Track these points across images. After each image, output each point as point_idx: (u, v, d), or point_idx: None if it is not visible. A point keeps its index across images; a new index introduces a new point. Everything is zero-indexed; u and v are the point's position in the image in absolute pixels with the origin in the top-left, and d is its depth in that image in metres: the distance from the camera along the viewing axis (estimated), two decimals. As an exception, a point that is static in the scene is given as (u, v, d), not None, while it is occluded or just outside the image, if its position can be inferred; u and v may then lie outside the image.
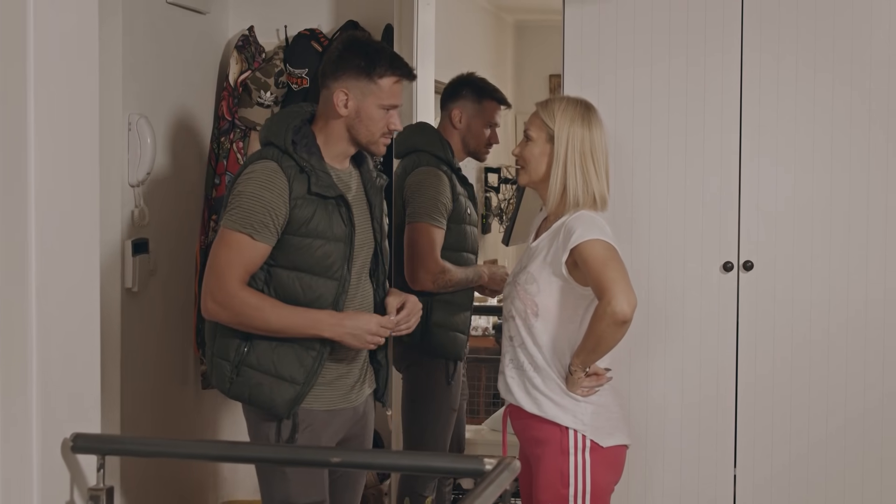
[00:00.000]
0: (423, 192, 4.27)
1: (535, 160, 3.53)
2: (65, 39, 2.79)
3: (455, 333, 4.41)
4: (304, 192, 3.33)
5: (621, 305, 3.26)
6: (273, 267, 3.37)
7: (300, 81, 5.02)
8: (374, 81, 3.39)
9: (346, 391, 3.50)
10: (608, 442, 3.44)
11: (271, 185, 3.32)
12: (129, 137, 4.35)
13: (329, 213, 3.37)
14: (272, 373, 3.37)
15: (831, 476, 4.13)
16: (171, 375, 4.82)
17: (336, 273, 3.38)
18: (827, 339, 4.12)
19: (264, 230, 3.30)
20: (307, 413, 3.41)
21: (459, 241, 4.41)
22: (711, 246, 4.15)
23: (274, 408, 3.37)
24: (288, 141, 3.37)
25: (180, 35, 4.78)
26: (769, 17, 4.10)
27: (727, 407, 4.16)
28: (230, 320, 3.36)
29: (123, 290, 4.36)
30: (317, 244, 3.35)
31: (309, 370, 3.37)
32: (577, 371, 3.38)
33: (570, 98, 3.59)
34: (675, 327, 4.17)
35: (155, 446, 3.11)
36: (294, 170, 3.34)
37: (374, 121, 3.41)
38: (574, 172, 3.46)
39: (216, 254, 3.37)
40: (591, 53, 4.18)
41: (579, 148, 3.47)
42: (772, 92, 4.11)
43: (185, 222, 4.88)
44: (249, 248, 3.31)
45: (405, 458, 2.96)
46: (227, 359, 3.41)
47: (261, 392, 3.37)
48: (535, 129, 3.53)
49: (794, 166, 4.12)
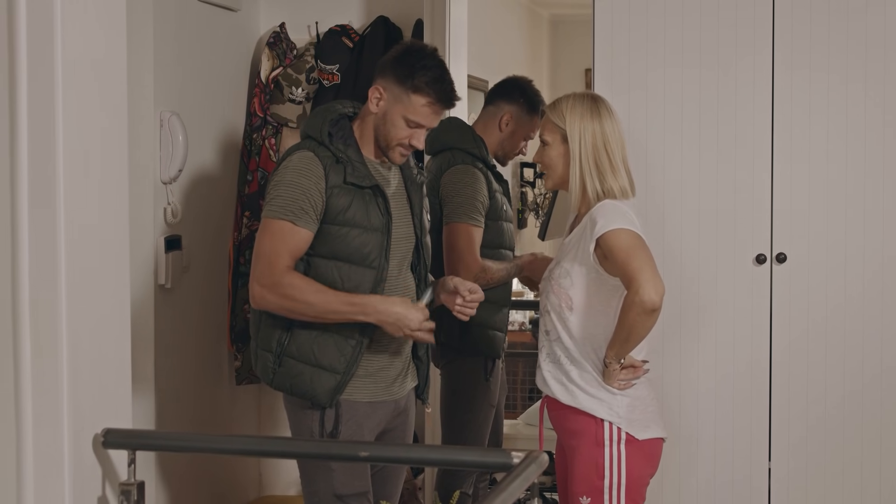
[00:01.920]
0: (460, 191, 4.26)
1: (554, 163, 3.52)
2: (93, 38, 2.81)
3: (493, 332, 4.41)
4: (341, 182, 3.35)
5: (649, 294, 3.24)
6: (312, 256, 3.38)
7: (331, 77, 5.03)
8: (408, 94, 3.37)
9: (389, 383, 3.50)
10: (644, 435, 3.42)
11: (308, 172, 3.34)
12: (161, 135, 4.38)
13: (366, 202, 3.38)
14: (312, 362, 3.37)
15: (866, 470, 4.10)
16: (205, 371, 4.84)
17: (374, 262, 3.39)
18: (861, 333, 4.08)
19: (304, 216, 3.32)
20: (350, 405, 3.41)
21: (496, 237, 4.41)
22: (744, 238, 4.13)
23: (315, 397, 3.37)
24: (324, 133, 3.39)
25: (212, 32, 4.80)
26: (800, 12, 4.07)
27: (761, 401, 4.14)
28: (277, 304, 3.34)
29: (157, 286, 4.39)
30: (354, 233, 3.36)
31: (349, 359, 3.37)
32: (613, 363, 3.38)
33: (577, 94, 3.56)
34: (708, 321, 4.15)
35: (185, 441, 3.12)
36: (330, 160, 3.36)
37: (397, 129, 3.40)
38: (589, 168, 3.45)
39: (260, 243, 3.37)
40: (621, 48, 4.16)
41: (591, 142, 3.46)
42: (804, 87, 4.08)
43: (217, 219, 4.90)
44: (292, 234, 3.32)
45: (434, 452, 2.96)
46: (269, 350, 3.41)
47: (301, 382, 3.38)
48: (548, 132, 3.52)
49: (826, 158, 4.08)
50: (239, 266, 4.97)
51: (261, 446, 3.19)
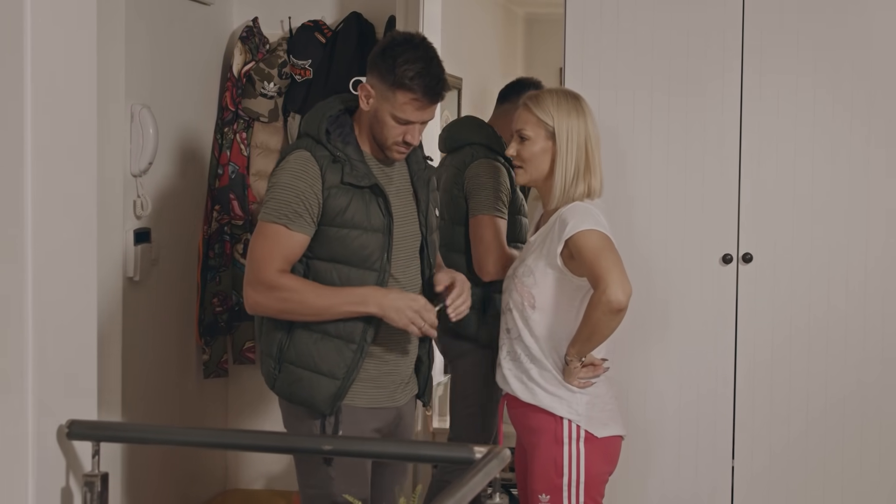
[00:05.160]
0: (485, 184, 4.28)
1: (536, 159, 3.49)
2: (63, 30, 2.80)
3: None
4: (338, 182, 3.25)
5: (616, 294, 3.26)
6: (311, 259, 3.29)
7: (303, 72, 5.04)
8: (392, 91, 3.24)
9: (392, 390, 3.41)
10: (603, 432, 3.45)
11: (303, 174, 3.24)
12: (132, 128, 4.37)
13: (366, 202, 3.28)
14: (312, 368, 3.28)
15: (828, 467, 4.14)
16: (174, 364, 4.84)
17: (375, 264, 3.29)
18: (825, 330, 4.13)
19: (299, 219, 3.23)
20: (351, 410, 3.32)
21: (514, 231, 4.44)
22: (711, 238, 4.16)
23: (315, 404, 3.29)
24: (322, 130, 3.29)
25: (184, 26, 4.80)
26: (770, 14, 4.10)
27: (725, 398, 4.17)
28: (274, 308, 3.27)
29: (125, 279, 4.39)
30: (353, 234, 3.26)
31: (349, 364, 3.28)
32: (573, 361, 3.39)
33: (559, 90, 3.57)
34: (674, 319, 4.18)
35: (149, 433, 3.12)
36: (327, 159, 3.26)
37: (388, 128, 3.28)
38: (575, 167, 3.46)
39: (254, 246, 3.29)
40: (592, 47, 4.19)
41: (577, 141, 3.47)
42: (772, 87, 4.12)
43: (187, 212, 4.90)
44: (286, 238, 3.24)
45: (396, 447, 2.97)
46: (270, 355, 3.34)
47: (301, 388, 3.29)
48: (531, 127, 3.49)
49: (793, 158, 4.12)
50: (208, 259, 4.98)
51: (225, 439, 3.18)
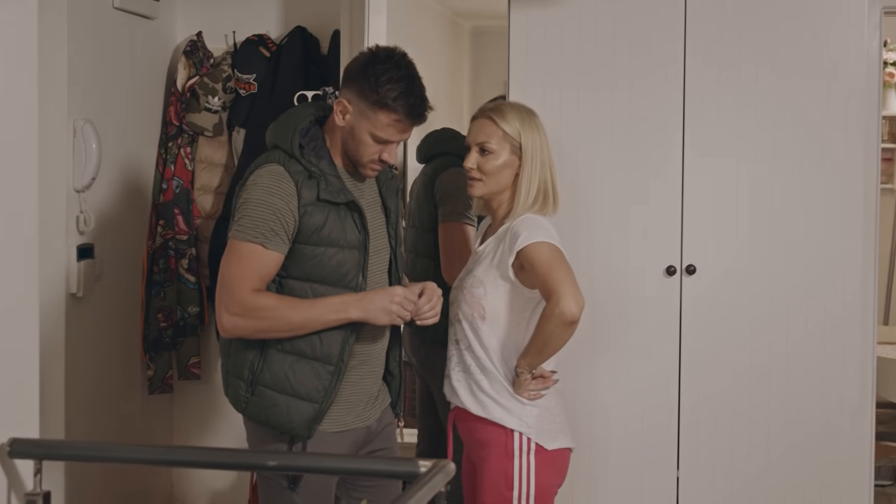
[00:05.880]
0: (456, 192, 4.30)
1: (499, 173, 3.47)
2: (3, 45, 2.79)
3: None
4: (314, 199, 3.14)
5: (569, 306, 3.27)
6: (285, 278, 3.18)
7: (248, 87, 5.03)
8: (374, 110, 3.14)
9: (361, 409, 3.32)
10: (553, 445, 3.45)
11: (279, 190, 3.11)
12: (75, 143, 4.34)
13: (342, 219, 3.18)
14: (288, 391, 3.17)
15: (774, 477, 4.16)
16: (118, 380, 4.81)
17: (351, 282, 3.21)
18: (768, 341, 4.16)
19: (276, 238, 3.11)
20: (319, 435, 3.23)
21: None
22: (655, 250, 4.18)
23: (293, 429, 3.18)
24: (295, 144, 3.17)
25: (128, 40, 4.78)
26: (712, 22, 4.14)
27: (670, 410, 4.19)
28: (251, 330, 3.15)
29: (68, 295, 4.35)
30: (330, 252, 3.17)
31: (327, 387, 3.19)
32: (524, 373, 3.39)
33: (518, 104, 3.58)
34: (618, 331, 4.20)
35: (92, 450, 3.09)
36: (302, 175, 3.14)
37: (365, 146, 3.19)
38: (543, 182, 3.47)
39: (227, 266, 3.14)
40: (536, 58, 4.20)
41: (540, 157, 3.48)
42: (714, 98, 4.14)
43: (131, 228, 4.87)
44: (262, 258, 3.11)
45: (343, 462, 2.96)
46: (241, 377, 3.21)
47: (278, 413, 3.17)
48: (496, 141, 3.46)
49: (735, 172, 4.15)
50: (153, 275, 4.95)
51: (171, 456, 3.16)
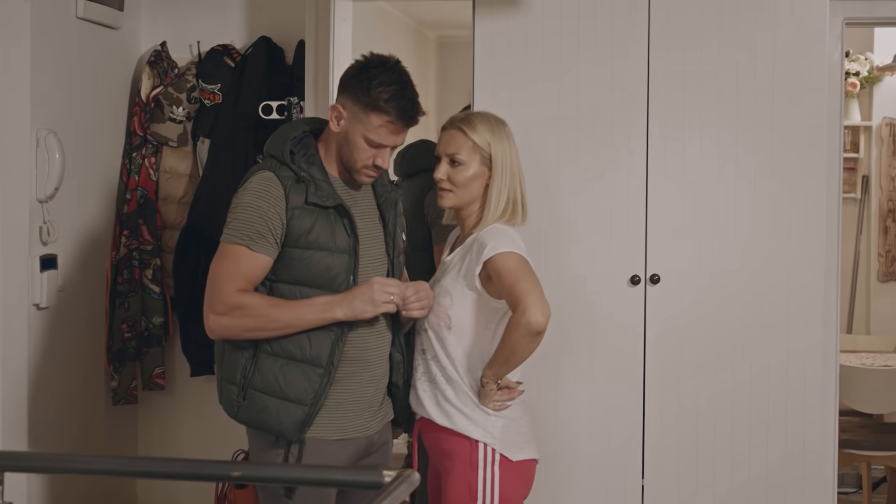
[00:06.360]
0: None
1: (470, 184, 3.47)
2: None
3: None
4: (302, 202, 3.19)
5: (536, 316, 3.26)
6: (275, 282, 3.23)
7: (212, 97, 5.02)
8: (366, 112, 3.21)
9: (360, 417, 3.33)
10: (518, 456, 3.44)
11: (266, 194, 3.18)
12: (38, 153, 4.32)
13: (331, 223, 3.23)
14: (278, 394, 3.21)
15: (736, 480, 4.18)
16: (81, 391, 4.78)
17: (340, 286, 3.23)
18: (730, 349, 4.18)
19: (262, 240, 3.16)
20: (316, 444, 3.25)
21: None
22: (619, 260, 4.19)
23: (282, 431, 3.21)
24: (286, 151, 3.23)
25: (91, 50, 4.76)
26: (676, 29, 4.16)
27: (635, 420, 4.20)
28: (238, 329, 3.20)
29: (31, 306, 4.33)
30: (318, 256, 3.21)
31: (317, 390, 3.22)
32: (490, 383, 3.38)
33: (488, 115, 3.57)
34: (583, 341, 4.21)
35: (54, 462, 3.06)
36: (291, 179, 3.20)
37: (359, 150, 3.24)
38: (513, 193, 3.47)
39: (214, 268, 3.21)
40: (500, 68, 4.22)
41: (510, 168, 3.48)
42: (678, 108, 4.17)
43: (95, 238, 4.85)
44: (248, 260, 3.17)
45: (306, 472, 2.94)
46: (233, 382, 3.25)
47: (268, 416, 3.21)
48: (466, 152, 3.46)
49: (699, 181, 4.17)
50: (117, 285, 4.93)
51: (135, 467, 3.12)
